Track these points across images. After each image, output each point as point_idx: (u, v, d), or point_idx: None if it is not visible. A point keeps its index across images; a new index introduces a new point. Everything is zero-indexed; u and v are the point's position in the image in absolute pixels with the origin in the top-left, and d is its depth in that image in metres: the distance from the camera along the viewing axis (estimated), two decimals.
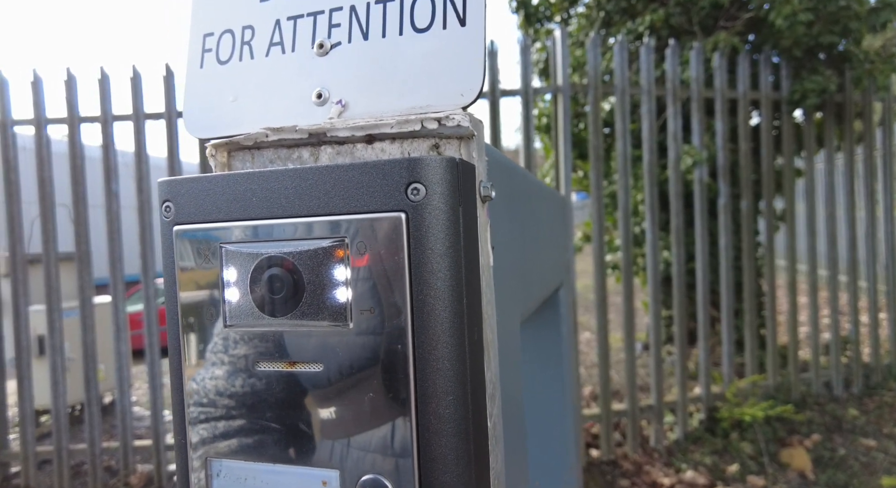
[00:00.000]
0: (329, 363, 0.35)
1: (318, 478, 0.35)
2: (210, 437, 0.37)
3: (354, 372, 0.34)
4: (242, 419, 0.37)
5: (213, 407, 0.37)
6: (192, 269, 0.37)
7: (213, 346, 0.37)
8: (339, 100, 0.38)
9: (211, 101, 0.41)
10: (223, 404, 0.37)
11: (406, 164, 0.33)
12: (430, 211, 0.33)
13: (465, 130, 0.35)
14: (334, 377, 0.34)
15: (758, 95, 3.27)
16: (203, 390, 0.38)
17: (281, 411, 0.36)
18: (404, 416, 0.33)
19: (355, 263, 0.34)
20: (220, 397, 0.37)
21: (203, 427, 0.38)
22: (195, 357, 0.38)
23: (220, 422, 0.37)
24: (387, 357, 0.33)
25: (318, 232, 0.34)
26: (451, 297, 0.33)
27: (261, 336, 0.36)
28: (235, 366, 0.37)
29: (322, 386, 0.35)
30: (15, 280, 2.79)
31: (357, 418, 0.34)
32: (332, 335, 0.35)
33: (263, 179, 0.35)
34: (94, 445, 2.81)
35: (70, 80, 2.77)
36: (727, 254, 3.17)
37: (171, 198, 0.38)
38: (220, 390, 0.37)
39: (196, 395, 0.38)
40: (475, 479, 0.33)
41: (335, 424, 0.35)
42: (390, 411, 0.33)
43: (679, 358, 3.08)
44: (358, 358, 0.34)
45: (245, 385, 0.36)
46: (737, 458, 2.88)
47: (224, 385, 0.37)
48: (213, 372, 0.37)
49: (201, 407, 0.38)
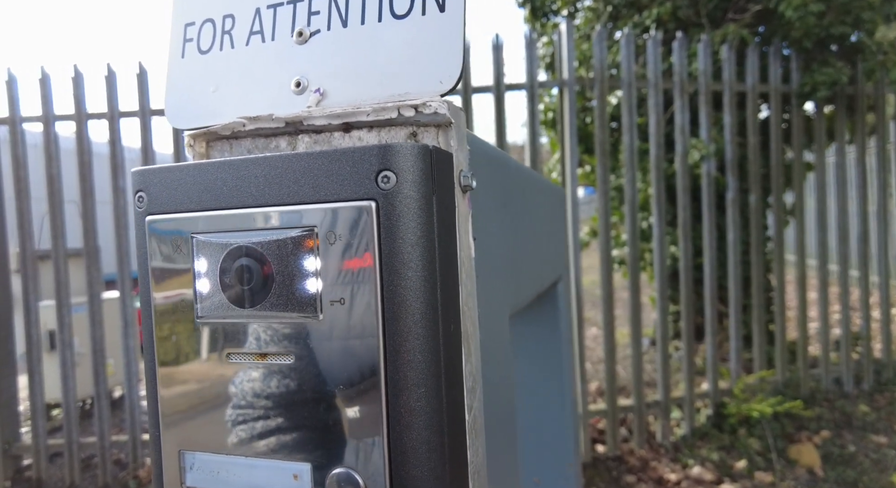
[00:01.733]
0: (300, 355, 0.34)
1: (289, 472, 0.34)
2: (183, 430, 0.37)
3: (325, 364, 0.33)
4: (214, 411, 0.36)
5: (185, 399, 0.37)
6: (165, 260, 0.37)
7: (185, 339, 0.37)
8: (318, 88, 0.37)
9: (192, 92, 0.41)
10: (195, 396, 0.37)
11: (376, 152, 0.32)
12: (401, 199, 0.32)
13: (442, 118, 0.34)
14: (305, 369, 0.34)
15: (767, 88, 3.22)
16: (174, 382, 0.37)
17: (252, 403, 0.35)
18: (375, 409, 0.33)
19: (325, 253, 0.33)
20: (192, 389, 0.37)
21: (176, 419, 0.37)
22: (169, 348, 0.37)
23: (193, 415, 0.37)
24: (357, 349, 0.33)
25: (288, 221, 0.34)
26: (424, 288, 0.32)
27: (231, 327, 0.36)
28: (207, 359, 0.36)
29: (293, 378, 0.34)
30: (25, 276, 2.83)
31: (328, 411, 0.34)
32: (302, 326, 0.34)
33: (235, 168, 0.35)
34: (103, 439, 2.84)
35: (77, 76, 2.79)
36: (735, 248, 3.14)
37: (143, 187, 0.37)
38: (192, 382, 0.37)
39: (168, 388, 0.38)
40: (448, 473, 0.33)
41: (306, 417, 0.34)
42: (361, 403, 0.33)
43: (686, 353, 3.06)
44: (328, 349, 0.33)
45: (217, 377, 0.36)
46: (744, 454, 2.85)
47: (196, 378, 0.37)
48: (185, 366, 0.37)
49: (174, 400, 0.37)
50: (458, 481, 0.34)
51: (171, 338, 0.37)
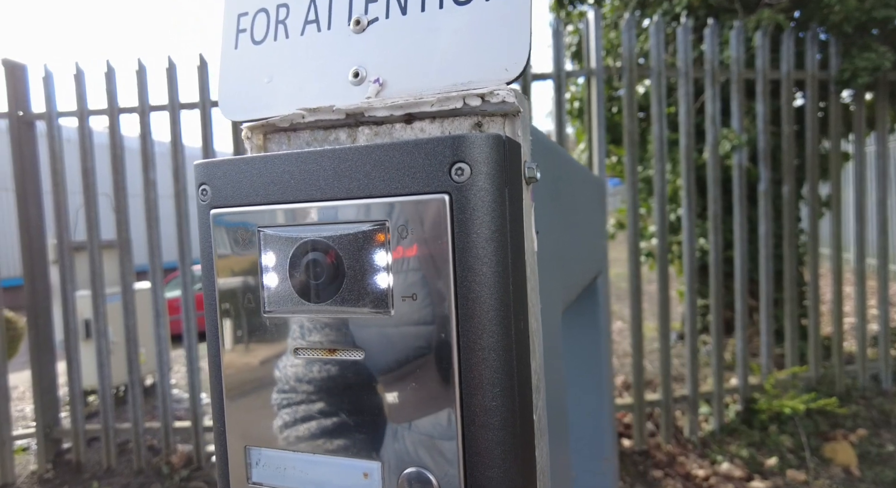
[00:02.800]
0: (370, 350, 0.33)
1: (359, 470, 0.34)
2: (249, 425, 0.37)
3: (396, 361, 0.33)
4: (282, 407, 0.36)
5: (251, 394, 0.37)
6: (229, 254, 0.36)
7: (251, 333, 0.36)
8: (377, 78, 0.36)
9: (246, 83, 0.40)
10: (262, 392, 0.36)
11: (450, 143, 0.31)
12: (475, 192, 0.31)
13: (510, 107, 0.33)
14: (375, 365, 0.33)
15: (803, 75, 3.11)
16: (241, 377, 0.37)
17: (321, 399, 0.35)
18: (449, 408, 0.32)
19: (396, 248, 0.32)
20: (258, 384, 0.36)
21: (242, 414, 0.37)
22: (233, 343, 0.37)
23: (259, 410, 0.36)
24: (430, 346, 0.32)
25: (359, 215, 0.33)
26: (498, 284, 0.31)
27: (300, 322, 0.35)
28: (274, 353, 0.36)
29: (363, 374, 0.34)
30: (62, 266, 2.91)
31: (399, 408, 0.33)
32: (373, 322, 0.33)
33: (301, 160, 0.34)
34: (137, 425, 2.92)
35: (110, 71, 2.84)
36: (767, 241, 3.05)
37: (207, 180, 0.37)
38: (258, 377, 0.36)
39: (234, 382, 0.37)
40: (522, 475, 0.32)
41: (377, 414, 0.34)
42: (434, 402, 0.32)
43: (715, 347, 3.00)
44: (400, 346, 0.33)
45: (284, 372, 0.36)
46: (775, 452, 2.79)
47: (262, 372, 0.36)
48: (252, 360, 0.36)
49: (240, 394, 0.37)
50: (529, 482, 0.33)
51: (236, 331, 0.37)
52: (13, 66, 2.95)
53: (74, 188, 2.93)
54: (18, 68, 2.97)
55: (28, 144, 2.98)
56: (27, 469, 3.05)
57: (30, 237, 3.01)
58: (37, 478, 2.95)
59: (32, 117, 2.96)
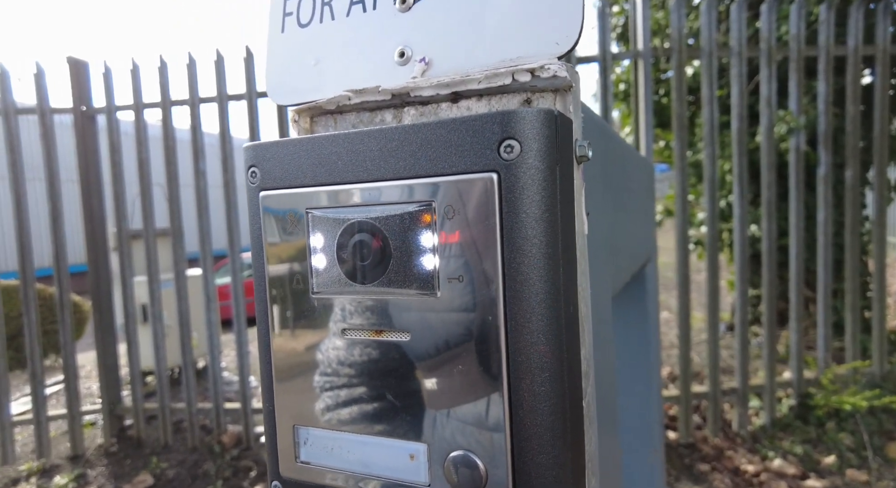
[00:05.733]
0: (417, 332, 0.33)
1: (405, 451, 0.34)
2: (297, 405, 0.37)
3: (442, 343, 0.32)
4: (329, 388, 0.36)
5: (300, 375, 0.37)
6: (278, 236, 0.37)
7: (299, 314, 0.37)
8: (423, 57, 0.35)
9: (293, 66, 0.40)
10: (310, 372, 0.37)
11: (498, 119, 0.30)
12: (524, 170, 0.30)
13: (561, 81, 0.31)
14: (422, 347, 0.33)
15: (872, 50, 2.90)
16: (289, 358, 0.37)
17: (368, 380, 0.35)
18: (497, 391, 0.31)
19: (443, 228, 0.32)
20: (306, 365, 0.37)
21: (290, 394, 0.37)
22: (282, 325, 0.37)
23: (307, 391, 0.37)
24: (477, 328, 0.31)
25: (405, 195, 0.33)
26: (547, 266, 0.30)
27: (348, 303, 0.35)
28: (322, 334, 0.36)
29: (409, 355, 0.33)
30: (121, 254, 3.07)
31: (446, 391, 0.32)
32: (419, 303, 0.33)
33: (349, 141, 0.34)
34: (190, 405, 3.07)
35: (162, 66, 2.94)
36: (826, 229, 2.89)
37: (256, 163, 0.37)
38: (306, 358, 0.37)
39: (282, 363, 0.38)
40: (571, 461, 0.31)
41: (423, 396, 0.33)
42: (481, 385, 0.31)
43: (768, 339, 2.88)
44: (446, 328, 0.32)
45: (331, 353, 0.36)
46: (833, 450, 2.67)
47: (311, 353, 0.37)
48: (300, 340, 0.37)
49: (288, 374, 0.38)
50: (578, 469, 0.32)
51: (285, 312, 0.37)
52: (76, 64, 3.10)
53: (130, 179, 3.07)
54: (81, 65, 3.12)
55: (90, 138, 3.14)
56: (94, 442, 3.26)
57: (93, 226, 3.18)
58: (103, 451, 3.15)
59: (94, 111, 3.11)
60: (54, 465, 3.05)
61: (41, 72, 2.99)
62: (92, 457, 3.10)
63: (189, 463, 2.97)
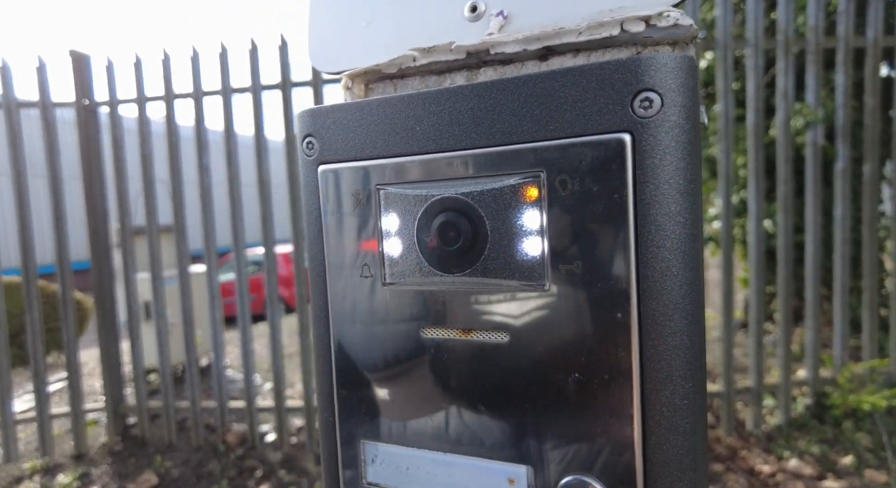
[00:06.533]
0: (517, 333, 0.27)
1: (502, 475, 0.27)
2: (363, 416, 0.31)
3: (551, 346, 0.26)
4: (404, 396, 0.30)
5: (368, 381, 0.31)
6: (341, 217, 0.30)
7: (368, 309, 0.31)
8: (500, 11, 0.30)
9: (340, 28, 0.35)
10: (381, 378, 0.31)
11: (633, 66, 0.23)
12: (666, 129, 0.23)
13: (684, 31, 0.26)
14: (524, 350, 0.27)
15: (892, 41, 2.84)
16: (355, 360, 0.31)
17: (453, 390, 0.29)
18: (625, 406, 0.25)
19: (555, 205, 0.25)
20: (376, 369, 0.31)
21: (356, 403, 0.31)
22: (345, 320, 0.31)
23: (377, 399, 0.31)
24: (599, 328, 0.25)
25: (505, 165, 0.26)
26: (693, 251, 0.24)
27: (429, 296, 0.29)
28: (396, 334, 0.30)
29: (508, 361, 0.27)
30: (124, 250, 3.02)
31: (554, 403, 0.26)
32: (522, 297, 0.27)
33: (430, 102, 0.27)
34: (194, 404, 3.02)
35: (166, 59, 2.88)
36: (843, 225, 2.83)
37: (314, 131, 0.31)
38: (377, 361, 0.31)
39: (347, 366, 0.32)
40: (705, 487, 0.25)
41: (524, 410, 0.27)
42: (604, 399, 0.25)
43: (782, 337, 2.82)
44: (556, 328, 0.26)
45: (408, 356, 0.30)
46: (851, 450, 2.61)
47: (382, 355, 0.31)
48: (369, 340, 0.31)
49: (354, 380, 0.31)
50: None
51: (349, 306, 0.31)
52: (78, 57, 3.05)
53: (133, 174, 3.02)
54: (83, 58, 3.07)
55: (93, 132, 3.09)
56: (98, 441, 3.22)
57: (95, 222, 3.13)
58: (107, 450, 3.10)
59: (96, 105, 3.06)
60: (58, 464, 3.01)
61: (43, 65, 2.93)
62: (95, 456, 3.06)
63: (193, 463, 2.92)
